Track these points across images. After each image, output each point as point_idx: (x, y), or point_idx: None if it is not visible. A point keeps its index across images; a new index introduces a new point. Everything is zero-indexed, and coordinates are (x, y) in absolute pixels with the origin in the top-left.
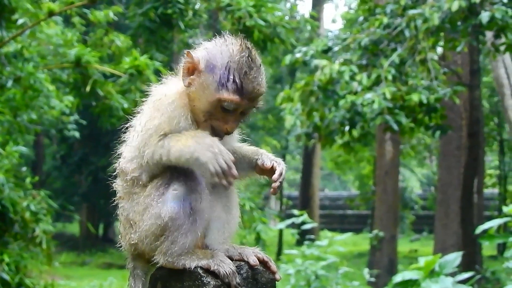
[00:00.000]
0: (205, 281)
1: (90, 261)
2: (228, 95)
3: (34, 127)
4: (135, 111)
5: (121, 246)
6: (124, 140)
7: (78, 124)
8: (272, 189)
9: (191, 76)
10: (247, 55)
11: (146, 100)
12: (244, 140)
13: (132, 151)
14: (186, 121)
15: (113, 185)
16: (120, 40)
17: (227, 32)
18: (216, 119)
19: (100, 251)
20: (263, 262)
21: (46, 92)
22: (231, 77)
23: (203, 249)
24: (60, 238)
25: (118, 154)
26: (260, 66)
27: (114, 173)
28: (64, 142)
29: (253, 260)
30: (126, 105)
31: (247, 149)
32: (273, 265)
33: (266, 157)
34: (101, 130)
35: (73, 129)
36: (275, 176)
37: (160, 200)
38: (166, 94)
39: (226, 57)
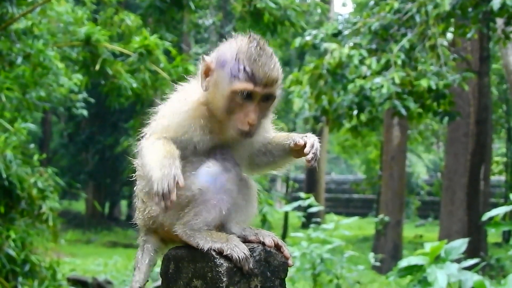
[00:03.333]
0: (218, 263)
1: (95, 240)
2: (241, 84)
3: (42, 105)
4: (163, 98)
5: (131, 223)
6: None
7: (86, 103)
8: (306, 162)
9: (207, 78)
10: (255, 45)
11: (172, 94)
12: None
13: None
14: (195, 132)
15: (134, 162)
16: (130, 20)
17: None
18: (236, 114)
19: (105, 230)
20: (277, 247)
21: (55, 70)
22: (241, 66)
23: (220, 230)
24: (66, 216)
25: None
26: (271, 54)
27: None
28: (71, 120)
29: (269, 241)
30: (134, 85)
31: (280, 136)
32: (286, 251)
33: (296, 136)
34: (109, 109)
35: (81, 108)
36: (306, 149)
37: (193, 173)
38: (186, 99)
39: (235, 50)
